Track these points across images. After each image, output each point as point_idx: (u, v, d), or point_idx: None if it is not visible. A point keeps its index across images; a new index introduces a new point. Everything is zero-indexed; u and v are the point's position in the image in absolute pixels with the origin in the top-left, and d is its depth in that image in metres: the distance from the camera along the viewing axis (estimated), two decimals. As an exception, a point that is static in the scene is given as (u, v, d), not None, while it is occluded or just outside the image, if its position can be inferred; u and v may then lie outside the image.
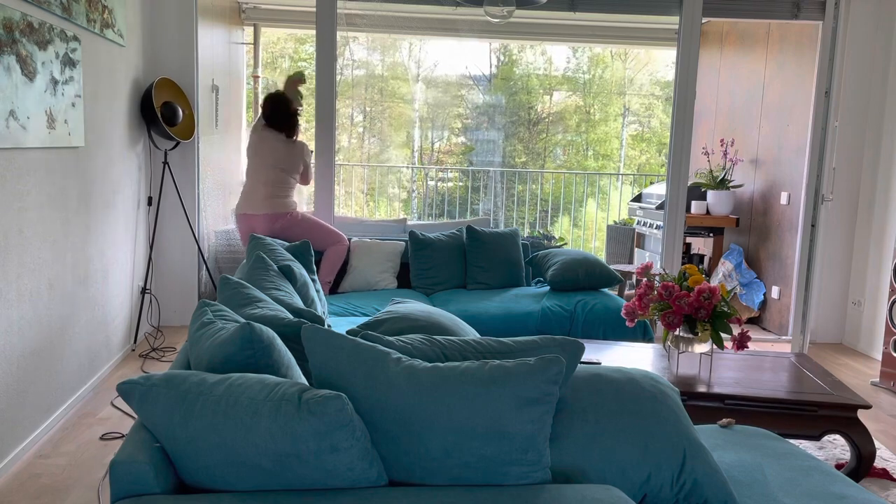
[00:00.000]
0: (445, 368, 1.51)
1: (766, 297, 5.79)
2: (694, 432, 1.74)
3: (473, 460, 1.46)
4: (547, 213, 8.71)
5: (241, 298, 2.27)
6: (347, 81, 9.73)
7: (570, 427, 1.65)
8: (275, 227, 4.50)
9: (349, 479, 1.40)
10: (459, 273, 4.61)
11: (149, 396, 1.43)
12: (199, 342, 1.73)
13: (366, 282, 4.56)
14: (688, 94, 5.00)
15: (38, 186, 3.13)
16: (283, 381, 1.42)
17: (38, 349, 3.18)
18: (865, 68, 5.13)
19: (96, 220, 3.84)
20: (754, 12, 5.08)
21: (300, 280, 3.05)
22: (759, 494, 1.83)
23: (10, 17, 2.80)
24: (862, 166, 5.24)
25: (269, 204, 4.50)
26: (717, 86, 6.71)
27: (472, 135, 10.53)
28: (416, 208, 9.11)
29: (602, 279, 4.40)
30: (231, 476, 1.39)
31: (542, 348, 1.74)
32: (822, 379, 3.09)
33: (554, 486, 1.50)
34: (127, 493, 1.39)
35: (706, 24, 6.71)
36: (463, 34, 6.80)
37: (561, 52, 10.34)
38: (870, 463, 2.85)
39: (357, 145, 10.33)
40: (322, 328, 1.59)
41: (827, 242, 5.29)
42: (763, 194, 5.92)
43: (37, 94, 3.05)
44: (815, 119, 5.04)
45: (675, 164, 5.07)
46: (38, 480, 2.86)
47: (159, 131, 4.57)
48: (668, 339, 3.12)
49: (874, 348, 5.01)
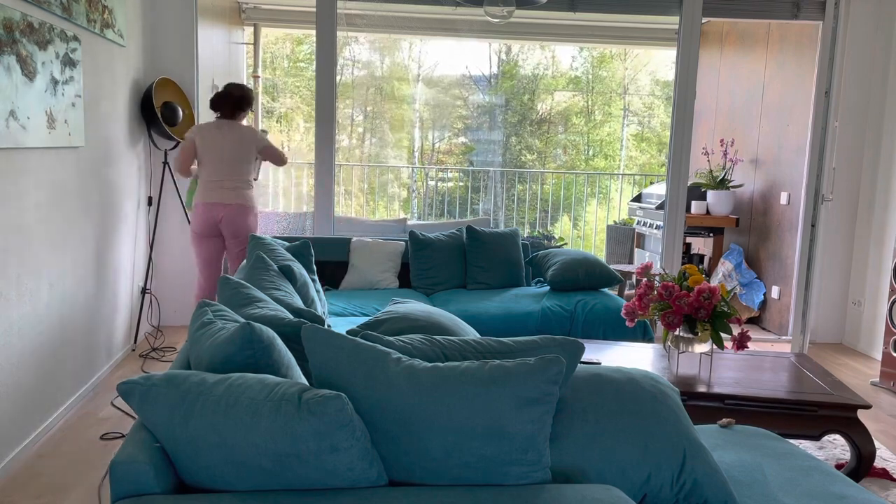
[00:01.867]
0: (445, 368, 1.51)
1: (766, 297, 5.79)
2: (694, 432, 1.74)
3: (473, 460, 1.46)
4: (547, 213, 8.71)
5: (241, 298, 2.27)
6: (347, 82, 9.73)
7: (570, 427, 1.65)
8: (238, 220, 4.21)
9: (349, 479, 1.40)
10: (459, 273, 4.61)
11: (149, 396, 1.43)
12: (199, 342, 1.73)
13: (366, 281, 4.56)
14: (688, 94, 5.00)
15: (38, 186, 3.13)
16: (283, 381, 1.42)
17: (38, 349, 3.18)
18: (865, 68, 5.13)
19: (96, 220, 3.84)
20: (754, 12, 5.08)
21: (300, 280, 3.05)
22: (759, 494, 1.83)
23: (10, 17, 2.80)
24: (862, 166, 5.24)
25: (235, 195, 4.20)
26: (717, 86, 6.71)
27: (472, 135, 10.54)
28: (416, 208, 9.12)
29: (602, 279, 4.40)
30: (231, 476, 1.39)
31: (542, 348, 1.74)
32: (822, 379, 3.09)
33: (554, 486, 1.50)
34: (127, 493, 1.39)
35: (706, 24, 6.71)
36: (463, 34, 6.81)
37: (564, 51, 10.34)
38: (870, 463, 2.85)
39: (357, 145, 10.33)
40: (322, 328, 1.59)
41: (827, 242, 5.29)
42: (763, 194, 5.92)
43: (37, 94, 3.05)
44: (815, 119, 5.04)
45: (675, 164, 5.07)
46: (39, 480, 2.86)
47: (159, 131, 4.57)
48: (668, 339, 3.12)
49: (874, 348, 5.01)
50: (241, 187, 4.20)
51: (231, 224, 4.17)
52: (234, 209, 4.16)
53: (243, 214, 4.19)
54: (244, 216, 4.20)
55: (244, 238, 4.23)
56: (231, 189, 4.16)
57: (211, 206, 4.15)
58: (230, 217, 4.16)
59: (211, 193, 4.16)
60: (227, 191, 4.16)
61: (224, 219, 4.16)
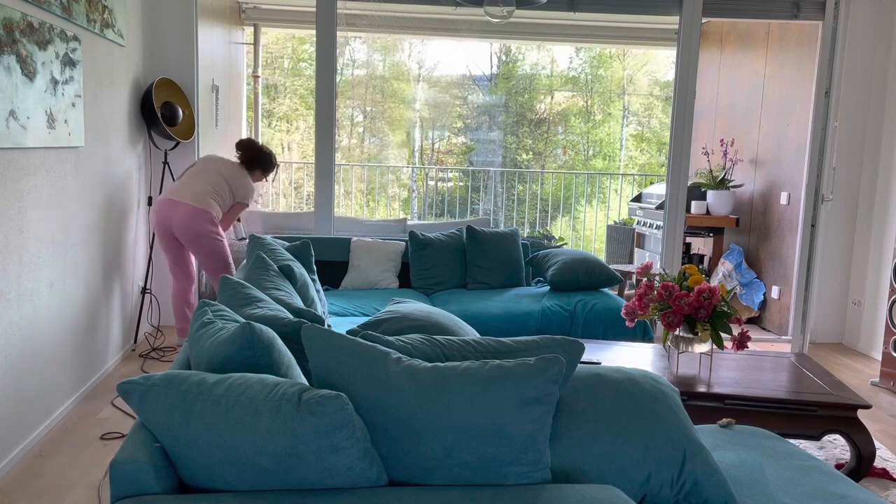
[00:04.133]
0: (445, 368, 1.51)
1: (766, 297, 5.79)
2: (694, 432, 1.74)
3: (473, 460, 1.46)
4: (547, 212, 8.71)
5: (241, 298, 2.27)
6: (347, 81, 9.73)
7: (570, 427, 1.65)
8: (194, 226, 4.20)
9: (349, 479, 1.40)
10: (459, 273, 4.61)
11: (149, 396, 1.43)
12: (199, 342, 1.73)
13: (366, 281, 4.56)
14: (688, 94, 5.00)
15: (38, 186, 3.13)
16: (283, 381, 1.42)
17: (38, 349, 3.18)
18: (865, 68, 5.13)
19: (96, 219, 3.84)
20: (754, 12, 5.08)
21: (300, 280, 3.05)
22: (759, 494, 1.83)
23: (10, 17, 2.80)
24: (862, 166, 5.24)
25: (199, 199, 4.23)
26: (717, 86, 6.71)
27: (472, 135, 10.54)
28: (416, 208, 9.12)
29: (602, 279, 4.40)
30: (231, 476, 1.39)
31: (542, 348, 1.74)
32: (821, 379, 3.09)
33: (554, 486, 1.50)
34: (127, 493, 1.39)
35: (706, 24, 6.71)
36: (463, 34, 6.81)
37: (563, 51, 10.35)
38: (870, 463, 2.85)
39: (357, 145, 10.34)
40: (322, 328, 1.59)
41: (827, 242, 5.29)
42: (763, 194, 5.92)
43: (37, 94, 3.05)
44: (815, 119, 5.04)
45: (675, 164, 5.07)
46: (39, 480, 2.86)
47: (159, 131, 4.57)
48: (668, 339, 3.12)
49: (874, 348, 5.01)
50: (203, 192, 4.21)
51: (181, 227, 4.17)
52: (184, 210, 4.15)
53: (193, 217, 4.16)
54: (194, 219, 4.16)
55: (200, 244, 4.20)
56: (189, 192, 4.19)
57: (163, 203, 4.22)
58: (179, 218, 4.16)
59: (169, 192, 4.25)
60: (184, 192, 4.20)
61: (174, 219, 4.17)
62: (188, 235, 4.19)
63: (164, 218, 4.21)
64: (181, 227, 4.18)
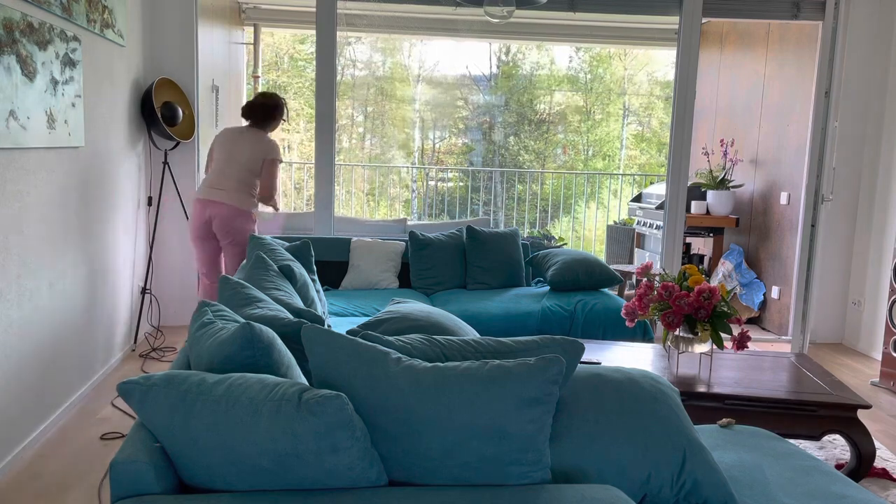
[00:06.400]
0: (445, 368, 1.51)
1: (766, 297, 5.79)
2: (694, 432, 1.74)
3: (473, 460, 1.46)
4: (547, 212, 8.71)
5: (241, 298, 2.27)
6: (348, 82, 9.73)
7: (570, 427, 1.65)
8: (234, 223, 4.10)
9: (349, 479, 1.40)
10: (459, 273, 4.61)
11: (149, 396, 1.43)
12: (199, 342, 1.73)
13: (366, 281, 4.56)
14: (688, 94, 5.00)
15: (38, 186, 3.13)
16: (283, 381, 1.42)
17: (38, 349, 3.18)
18: (865, 68, 5.13)
19: (96, 220, 3.84)
20: (754, 12, 5.08)
21: (300, 280, 3.05)
22: (759, 494, 1.83)
23: (10, 17, 2.80)
24: (862, 166, 5.24)
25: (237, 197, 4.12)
26: (717, 86, 6.71)
27: (472, 135, 10.54)
28: (416, 208, 9.12)
29: (602, 279, 4.40)
30: (231, 476, 1.39)
31: (542, 348, 1.74)
32: (821, 379, 3.09)
33: (554, 486, 1.50)
34: (127, 493, 1.39)
35: (706, 24, 6.71)
36: (463, 34, 6.81)
37: (563, 51, 10.35)
38: (870, 463, 2.85)
39: (357, 145, 10.33)
40: (322, 328, 1.59)
41: (827, 242, 5.29)
42: (763, 194, 5.92)
43: (37, 94, 3.05)
44: (815, 119, 5.04)
45: (675, 164, 5.07)
46: (38, 480, 2.86)
47: (159, 131, 4.57)
48: (668, 339, 3.12)
49: (874, 348, 5.01)
50: (239, 189, 4.09)
51: (223, 226, 4.06)
52: (227, 210, 4.05)
53: (235, 217, 4.06)
54: (235, 219, 4.07)
55: (239, 242, 4.12)
56: (228, 190, 4.07)
57: (204, 203, 4.07)
58: (222, 218, 4.05)
59: (208, 190, 4.09)
60: (223, 191, 4.07)
61: (215, 219, 4.06)
62: (228, 233, 4.08)
63: (201, 215, 4.08)
64: (221, 226, 4.06)
